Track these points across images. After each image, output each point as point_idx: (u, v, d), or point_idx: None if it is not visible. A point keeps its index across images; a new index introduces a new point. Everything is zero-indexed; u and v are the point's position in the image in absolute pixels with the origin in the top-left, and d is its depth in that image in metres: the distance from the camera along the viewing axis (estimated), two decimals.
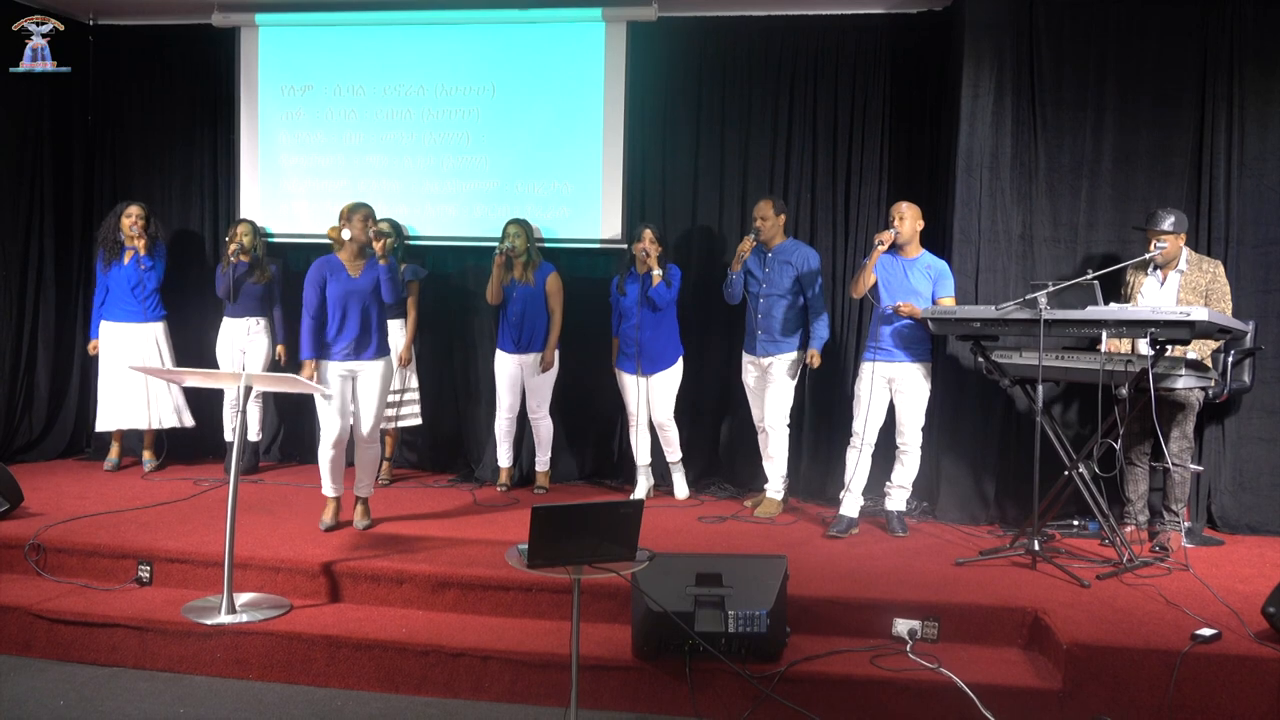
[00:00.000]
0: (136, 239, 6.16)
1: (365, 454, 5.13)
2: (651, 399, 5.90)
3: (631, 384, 5.92)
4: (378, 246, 5.04)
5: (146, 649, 4.17)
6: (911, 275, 5.27)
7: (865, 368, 5.31)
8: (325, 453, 5.06)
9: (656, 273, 5.73)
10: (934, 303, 5.25)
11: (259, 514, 5.28)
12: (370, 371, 5.08)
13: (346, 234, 5.05)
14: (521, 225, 5.99)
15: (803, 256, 5.59)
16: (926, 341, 5.30)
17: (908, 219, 5.25)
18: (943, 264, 5.33)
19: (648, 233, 5.81)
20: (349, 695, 3.96)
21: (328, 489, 5.11)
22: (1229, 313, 4.87)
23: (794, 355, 5.60)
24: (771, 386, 5.62)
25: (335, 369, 5.01)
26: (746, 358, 5.75)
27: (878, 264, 5.25)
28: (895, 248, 5.26)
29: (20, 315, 6.74)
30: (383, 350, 5.16)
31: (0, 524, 4.93)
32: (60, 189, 6.93)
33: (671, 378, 5.90)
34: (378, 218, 6.21)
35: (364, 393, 5.09)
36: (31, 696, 3.87)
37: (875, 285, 5.31)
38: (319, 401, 5.05)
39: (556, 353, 6.03)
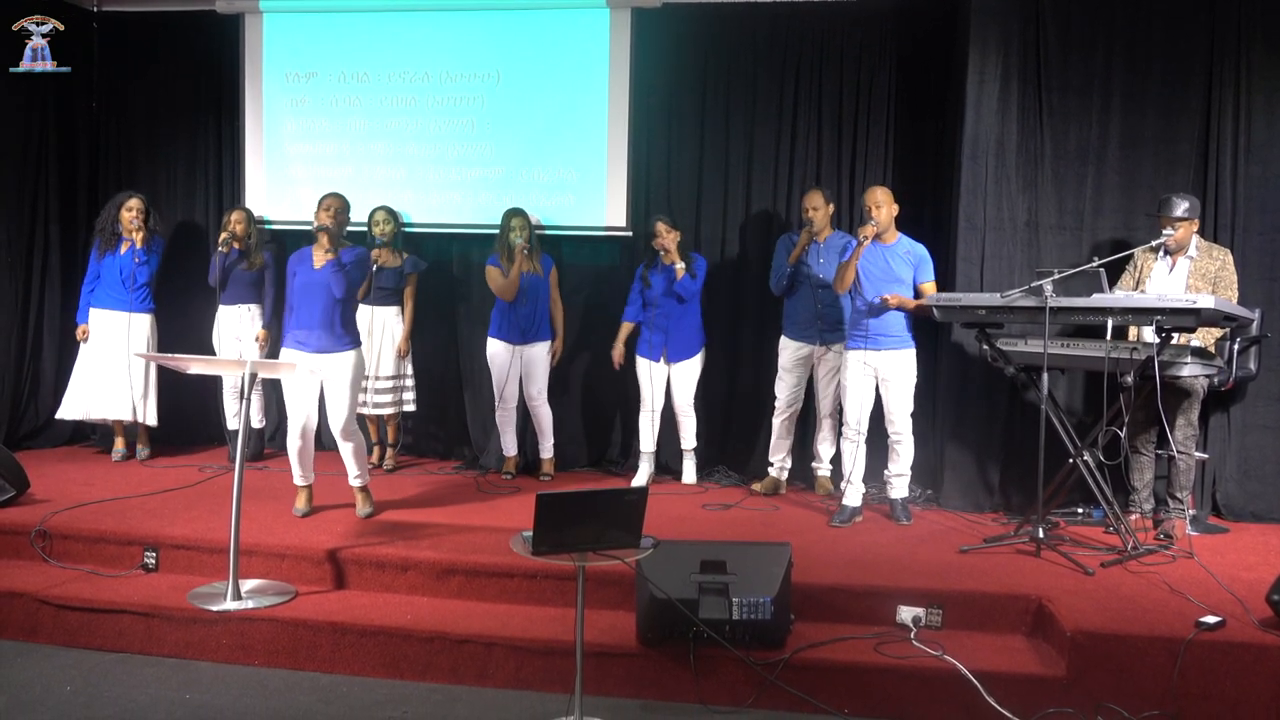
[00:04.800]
0: (135, 232, 6.15)
1: (346, 446, 5.06)
2: (674, 387, 5.94)
3: (650, 370, 5.93)
4: (322, 238, 4.91)
5: (152, 635, 4.18)
6: (893, 262, 5.22)
7: (852, 357, 5.27)
8: (292, 442, 5.04)
9: (679, 266, 5.75)
10: (915, 288, 5.23)
11: (264, 501, 5.29)
12: (335, 365, 4.99)
13: (314, 224, 5.02)
14: (524, 216, 5.98)
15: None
16: (910, 328, 5.26)
17: (884, 206, 5.17)
18: (922, 248, 5.28)
19: (660, 225, 5.80)
20: (354, 681, 3.98)
21: (297, 478, 5.10)
22: (1235, 300, 4.85)
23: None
24: (828, 375, 5.68)
25: (302, 360, 4.96)
26: (793, 344, 5.75)
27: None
28: (874, 235, 5.21)
29: (25, 303, 6.76)
30: (349, 343, 5.05)
31: (6, 510, 4.95)
32: (65, 176, 6.94)
33: (695, 366, 5.95)
34: (385, 206, 6.24)
35: (331, 387, 5.01)
36: (38, 682, 3.89)
37: (857, 276, 5.26)
38: (285, 391, 5.03)
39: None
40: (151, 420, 6.30)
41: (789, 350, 5.79)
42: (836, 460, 5.65)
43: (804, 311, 5.72)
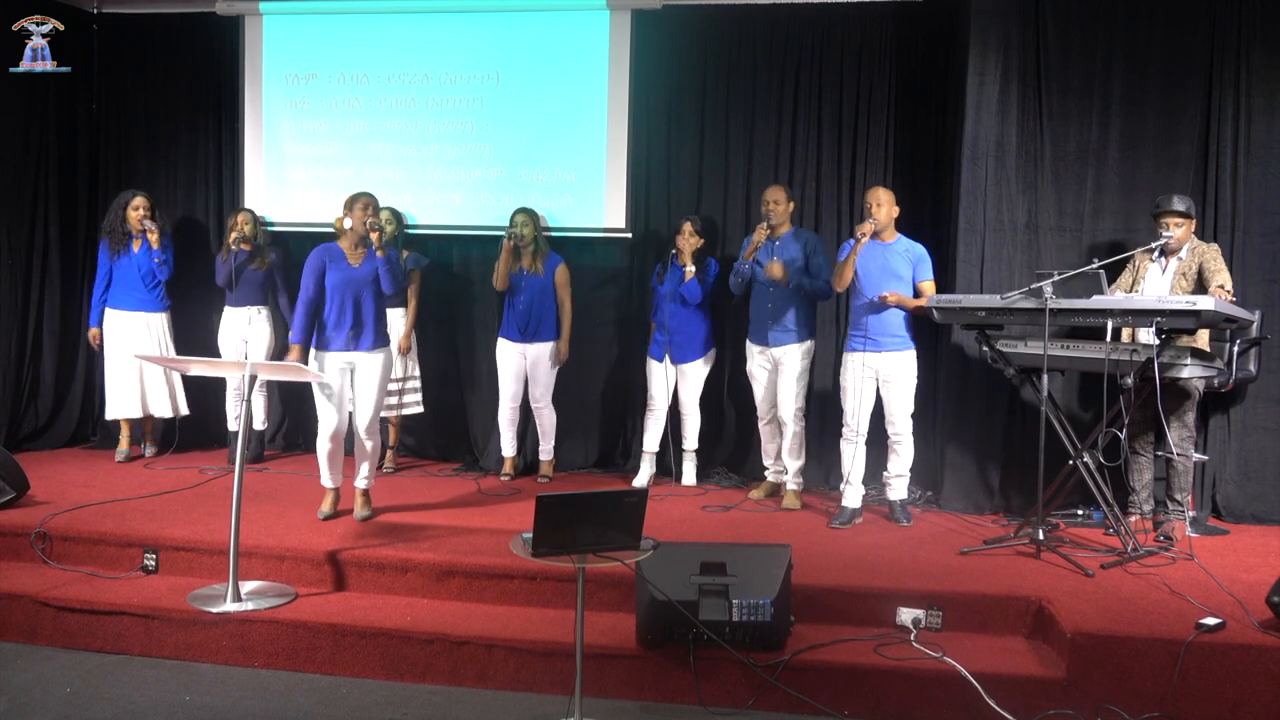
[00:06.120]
0: (150, 232, 6.16)
1: (364, 446, 5.08)
2: (679, 387, 5.95)
3: (658, 370, 5.94)
4: (374, 238, 4.96)
5: (152, 637, 4.18)
6: (891, 261, 5.23)
7: (851, 358, 5.28)
8: (323, 445, 5.02)
9: (689, 269, 5.75)
10: (914, 287, 5.23)
11: (264, 502, 5.29)
12: (368, 363, 5.02)
13: (347, 223, 5.02)
14: (529, 214, 5.99)
15: (813, 243, 5.56)
16: (911, 328, 5.27)
17: (884, 204, 5.21)
18: (920, 248, 5.30)
19: (686, 225, 5.83)
20: (354, 683, 3.97)
21: (326, 480, 5.09)
22: (1228, 282, 4.82)
23: (807, 344, 5.58)
24: (784, 378, 5.57)
25: (333, 360, 4.97)
26: (755, 348, 5.69)
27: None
28: (873, 234, 5.21)
29: (26, 304, 6.76)
30: (381, 341, 5.08)
31: (6, 512, 4.95)
32: (65, 178, 6.94)
33: (701, 369, 5.95)
34: (388, 206, 6.25)
35: (362, 384, 5.03)
36: (38, 684, 3.89)
37: (855, 274, 5.26)
38: (317, 393, 5.01)
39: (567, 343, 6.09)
40: (185, 410, 6.39)
41: (750, 355, 5.73)
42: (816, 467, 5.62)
43: (756, 311, 5.67)
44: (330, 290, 4.99)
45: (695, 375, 5.95)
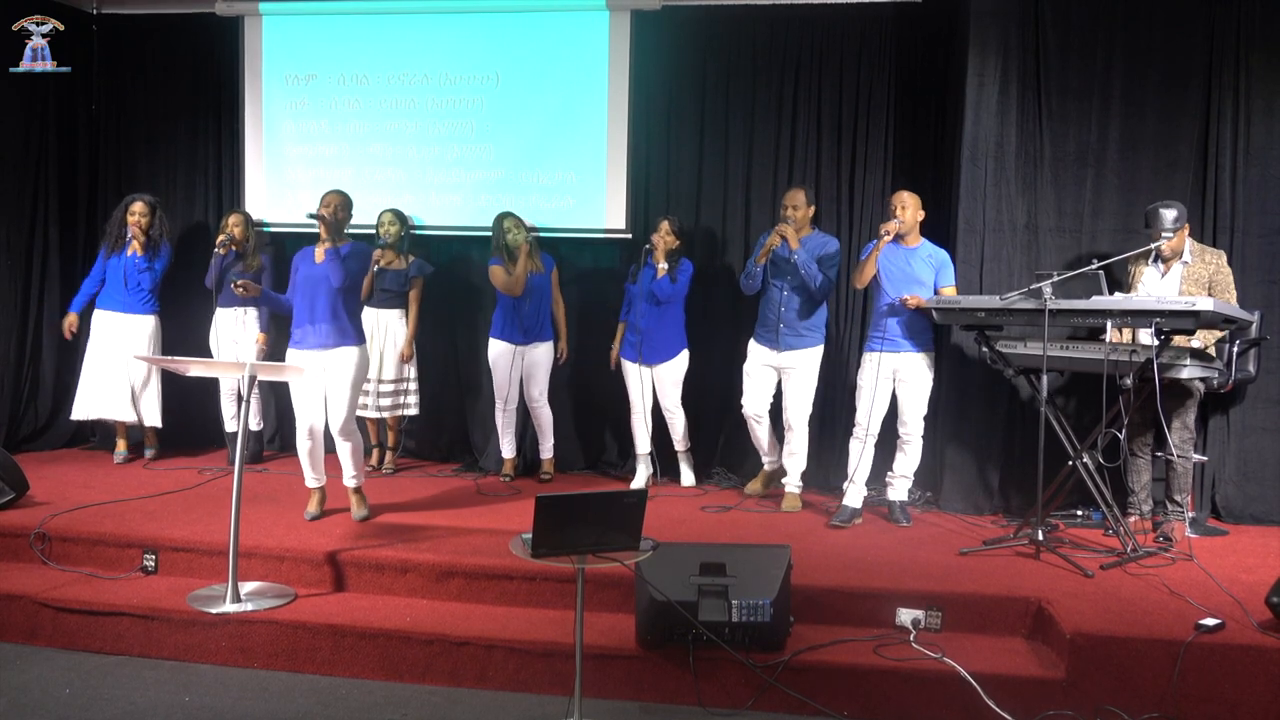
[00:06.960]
0: (135, 238, 6.15)
1: (343, 447, 5.01)
2: (657, 389, 5.92)
3: (633, 372, 5.92)
4: (322, 229, 4.92)
5: (151, 637, 4.18)
6: (914, 264, 5.25)
7: (869, 358, 5.30)
8: (301, 444, 5.01)
9: (661, 266, 5.74)
10: (936, 292, 5.24)
11: (263, 503, 5.29)
12: (336, 361, 4.93)
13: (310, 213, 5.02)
14: (517, 216, 6.00)
15: (830, 258, 5.48)
16: (930, 331, 5.28)
17: (909, 208, 5.23)
18: (944, 253, 5.32)
19: (664, 224, 5.81)
20: (353, 684, 3.97)
21: (309, 480, 5.07)
22: (1234, 302, 4.86)
23: (820, 349, 5.56)
24: (797, 382, 5.53)
25: (305, 358, 4.93)
26: (760, 349, 5.62)
27: (879, 254, 5.24)
28: (897, 237, 5.22)
29: (25, 305, 6.76)
30: (348, 339, 4.97)
31: (6, 513, 4.94)
32: (65, 179, 6.94)
33: (673, 369, 5.90)
34: (393, 208, 6.24)
35: (330, 384, 4.95)
36: (37, 685, 3.89)
37: (877, 276, 5.28)
38: (293, 392, 5.01)
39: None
40: (154, 421, 6.28)
41: (751, 354, 5.66)
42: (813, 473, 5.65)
43: (767, 314, 5.60)
44: (298, 288, 5.00)
45: (669, 376, 5.90)
